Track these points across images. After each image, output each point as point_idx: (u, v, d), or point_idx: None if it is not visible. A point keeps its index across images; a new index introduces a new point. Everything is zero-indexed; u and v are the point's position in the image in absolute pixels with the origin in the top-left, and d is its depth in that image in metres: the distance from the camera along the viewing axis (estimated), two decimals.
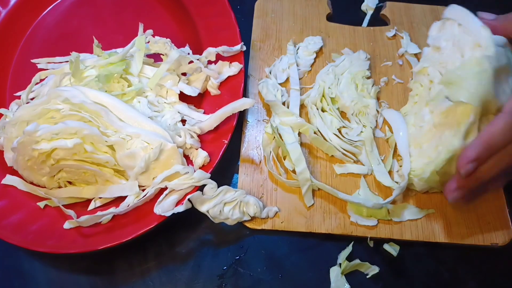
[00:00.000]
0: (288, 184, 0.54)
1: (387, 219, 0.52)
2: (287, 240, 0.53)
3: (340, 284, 0.50)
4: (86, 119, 0.50)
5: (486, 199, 0.54)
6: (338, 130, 0.57)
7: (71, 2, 0.70)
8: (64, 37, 0.67)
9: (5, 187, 0.54)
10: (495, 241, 0.52)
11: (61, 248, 0.49)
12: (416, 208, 0.53)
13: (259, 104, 0.61)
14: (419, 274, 0.52)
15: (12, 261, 0.54)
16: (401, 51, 0.64)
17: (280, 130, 0.56)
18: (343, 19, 0.68)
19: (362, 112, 0.58)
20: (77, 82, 0.56)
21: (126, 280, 0.52)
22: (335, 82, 0.59)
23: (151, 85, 0.56)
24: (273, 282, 0.51)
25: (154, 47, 0.58)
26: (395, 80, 0.62)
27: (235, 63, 0.58)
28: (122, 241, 0.48)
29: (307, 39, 0.65)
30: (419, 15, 0.68)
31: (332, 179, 0.56)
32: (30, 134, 0.48)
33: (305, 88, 0.61)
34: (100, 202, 0.53)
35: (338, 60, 0.62)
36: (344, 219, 0.53)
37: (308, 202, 0.53)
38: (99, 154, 0.50)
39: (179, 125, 0.55)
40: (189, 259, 0.53)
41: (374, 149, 0.56)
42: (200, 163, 0.52)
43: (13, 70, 0.65)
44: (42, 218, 0.52)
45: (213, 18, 0.62)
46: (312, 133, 0.56)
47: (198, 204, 0.50)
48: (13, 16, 0.67)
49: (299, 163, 0.53)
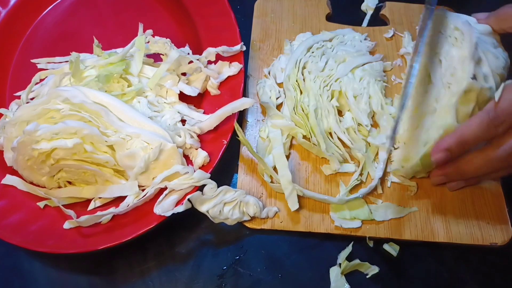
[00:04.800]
0: (274, 188, 0.54)
1: (370, 219, 0.52)
2: (287, 240, 0.53)
3: (340, 284, 0.51)
4: (86, 119, 0.50)
5: (486, 199, 0.54)
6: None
7: (71, 2, 0.70)
8: (64, 37, 0.67)
9: (5, 187, 0.54)
10: (494, 241, 0.52)
11: (61, 248, 0.49)
12: (399, 207, 0.54)
13: (258, 104, 0.61)
14: (419, 274, 0.52)
15: (12, 261, 0.54)
16: (402, 51, 0.64)
17: (270, 133, 0.56)
18: (342, 19, 0.68)
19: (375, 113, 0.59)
20: (77, 82, 0.56)
21: (126, 280, 0.52)
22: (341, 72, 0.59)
23: (151, 85, 0.56)
24: (273, 282, 0.51)
25: (154, 47, 0.58)
26: (395, 80, 0.62)
27: (235, 63, 0.58)
28: (122, 241, 0.48)
29: (298, 37, 0.65)
30: (419, 15, 0.67)
31: (321, 181, 0.55)
32: (30, 133, 0.48)
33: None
34: (100, 202, 0.53)
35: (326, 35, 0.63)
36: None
37: (292, 206, 0.52)
38: (99, 154, 0.50)
39: (179, 125, 0.55)
40: (189, 259, 0.53)
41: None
42: (200, 163, 0.52)
43: (13, 70, 0.65)
44: (42, 218, 0.52)
45: (213, 18, 0.62)
46: (300, 138, 0.56)
47: (198, 204, 0.50)
48: (13, 16, 0.67)
49: (281, 167, 0.53)
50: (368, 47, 0.63)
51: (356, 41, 0.64)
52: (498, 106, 0.45)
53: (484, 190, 0.55)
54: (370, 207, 0.53)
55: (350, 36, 0.64)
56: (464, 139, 0.45)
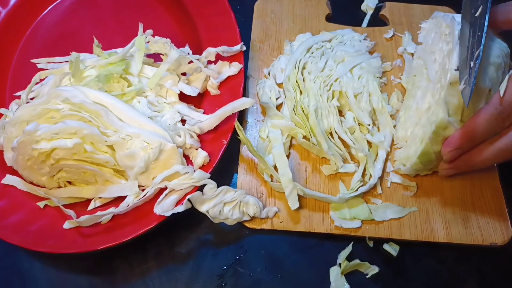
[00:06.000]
0: (274, 187, 0.54)
1: (370, 219, 0.52)
2: (287, 240, 0.53)
3: (339, 284, 0.50)
4: (86, 119, 0.50)
5: (486, 199, 0.54)
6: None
7: (71, 2, 0.70)
8: (64, 37, 0.67)
9: (5, 187, 0.54)
10: (494, 241, 0.52)
11: (61, 248, 0.49)
12: (398, 207, 0.54)
13: (258, 104, 0.61)
14: (419, 274, 0.52)
15: (12, 261, 0.54)
16: (401, 50, 0.64)
17: (270, 133, 0.56)
18: (342, 19, 0.68)
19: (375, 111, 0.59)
20: (77, 82, 0.56)
21: (126, 280, 0.52)
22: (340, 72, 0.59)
23: (151, 85, 0.56)
24: (273, 282, 0.51)
25: (154, 47, 0.58)
26: (395, 81, 0.62)
27: (235, 63, 0.58)
28: (122, 241, 0.48)
29: (298, 37, 0.65)
30: (419, 15, 0.68)
31: (321, 182, 0.55)
32: (30, 133, 0.48)
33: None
34: (100, 202, 0.53)
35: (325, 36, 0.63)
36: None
37: (292, 206, 0.52)
38: (99, 154, 0.50)
39: (179, 125, 0.55)
40: (189, 259, 0.53)
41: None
42: (200, 163, 0.52)
43: (13, 70, 0.65)
44: (42, 218, 0.52)
45: (213, 18, 0.62)
46: (300, 138, 0.56)
47: (198, 204, 0.50)
48: (13, 16, 0.67)
49: (282, 166, 0.53)
50: (367, 46, 0.64)
51: (356, 41, 0.64)
52: (504, 100, 0.44)
53: (484, 190, 0.55)
54: (370, 207, 0.53)
55: (349, 37, 0.64)
56: (474, 134, 0.46)
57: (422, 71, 0.57)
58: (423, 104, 0.53)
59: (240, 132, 0.53)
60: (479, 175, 0.55)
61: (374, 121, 0.59)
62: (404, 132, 0.56)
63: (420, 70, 0.58)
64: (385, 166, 0.56)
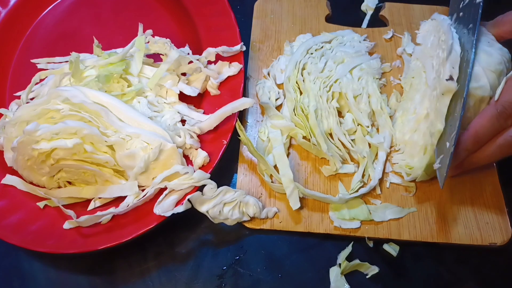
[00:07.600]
0: (274, 188, 0.54)
1: (369, 220, 0.52)
2: (287, 240, 0.53)
3: (339, 284, 0.51)
4: (86, 119, 0.50)
5: (485, 199, 0.54)
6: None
7: (71, 2, 0.70)
8: (64, 37, 0.67)
9: (5, 187, 0.54)
10: (493, 241, 0.52)
11: (61, 248, 0.49)
12: (397, 208, 0.54)
13: (258, 105, 0.61)
14: (418, 274, 0.52)
15: (12, 261, 0.54)
16: (400, 51, 0.64)
17: (270, 133, 0.56)
18: (342, 20, 0.68)
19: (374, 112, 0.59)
20: (77, 82, 0.56)
21: (126, 280, 0.52)
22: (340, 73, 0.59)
23: (151, 85, 0.56)
24: (272, 282, 0.51)
25: (154, 47, 0.58)
26: (394, 82, 0.62)
27: (234, 63, 0.58)
28: (122, 241, 0.48)
29: (298, 38, 0.65)
30: (418, 16, 0.68)
31: (320, 182, 0.55)
32: (30, 133, 0.48)
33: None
34: (99, 202, 0.53)
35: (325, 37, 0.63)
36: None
37: (294, 205, 0.52)
38: (99, 154, 0.50)
39: (179, 125, 0.55)
40: (189, 259, 0.53)
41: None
42: (200, 163, 0.52)
43: (13, 70, 0.65)
44: (41, 218, 0.52)
45: (213, 18, 0.62)
46: (300, 138, 0.56)
47: (197, 204, 0.50)
48: (13, 16, 0.67)
49: (282, 166, 0.53)
50: (367, 47, 0.64)
51: (355, 41, 0.64)
52: (502, 99, 0.46)
53: (484, 190, 0.55)
54: (369, 207, 0.53)
55: (349, 37, 0.64)
56: (479, 136, 0.47)
57: (420, 73, 0.57)
58: (422, 110, 0.53)
59: (241, 132, 0.53)
60: (478, 175, 0.56)
61: (373, 122, 0.59)
62: (402, 135, 0.56)
63: (418, 72, 0.58)
64: (384, 167, 0.56)
